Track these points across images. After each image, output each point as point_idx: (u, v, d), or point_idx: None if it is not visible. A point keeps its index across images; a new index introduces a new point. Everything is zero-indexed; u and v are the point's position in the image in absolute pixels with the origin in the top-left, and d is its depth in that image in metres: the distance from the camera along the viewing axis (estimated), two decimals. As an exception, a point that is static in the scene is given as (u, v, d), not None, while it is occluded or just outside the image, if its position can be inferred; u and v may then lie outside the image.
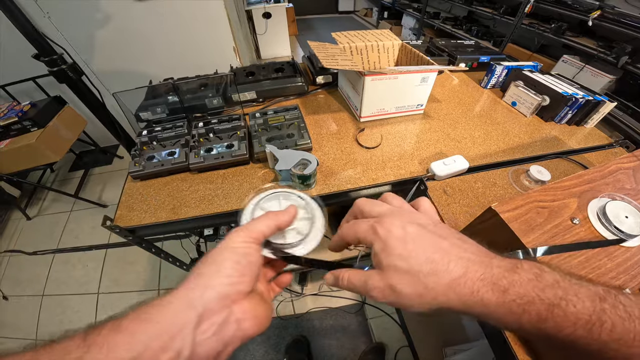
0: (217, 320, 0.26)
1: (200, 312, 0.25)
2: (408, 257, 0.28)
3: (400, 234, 0.29)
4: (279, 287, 0.39)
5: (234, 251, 0.29)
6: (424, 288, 0.27)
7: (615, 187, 0.64)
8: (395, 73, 0.90)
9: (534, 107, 1.05)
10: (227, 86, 1.09)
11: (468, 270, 0.26)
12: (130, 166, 0.83)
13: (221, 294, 0.27)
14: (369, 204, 0.35)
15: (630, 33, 2.00)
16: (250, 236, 0.31)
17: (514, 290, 0.25)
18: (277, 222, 0.34)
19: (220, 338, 0.26)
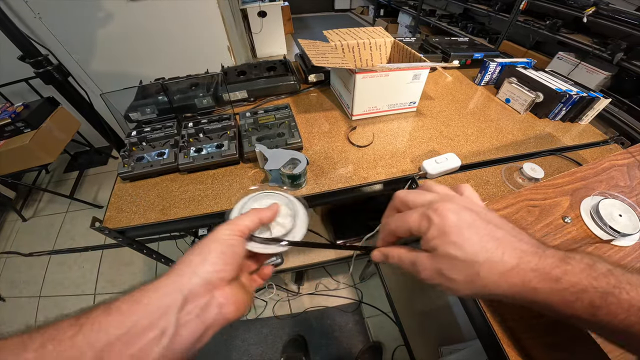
0: (200, 304, 0.28)
1: (186, 295, 0.27)
2: (463, 245, 0.29)
3: (455, 220, 0.30)
4: (261, 279, 0.41)
5: (220, 242, 0.32)
6: (476, 276, 0.28)
7: (609, 184, 0.63)
8: (386, 70, 0.89)
9: (528, 104, 1.05)
10: (218, 85, 1.08)
11: (521, 260, 0.27)
12: (119, 167, 0.82)
13: (205, 280, 0.29)
14: (412, 194, 0.36)
15: (625, 29, 2.00)
16: (236, 229, 0.34)
17: (567, 279, 0.26)
18: (260, 217, 0.37)
19: (203, 320, 0.28)
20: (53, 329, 0.24)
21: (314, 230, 1.45)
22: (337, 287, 1.77)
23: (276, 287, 1.73)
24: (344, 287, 1.77)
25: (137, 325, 0.25)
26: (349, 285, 1.78)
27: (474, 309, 0.59)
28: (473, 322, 0.61)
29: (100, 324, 0.24)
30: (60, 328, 0.24)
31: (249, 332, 1.61)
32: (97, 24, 1.90)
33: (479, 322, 0.58)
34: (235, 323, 1.61)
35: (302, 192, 0.78)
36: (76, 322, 0.24)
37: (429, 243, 0.31)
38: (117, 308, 0.26)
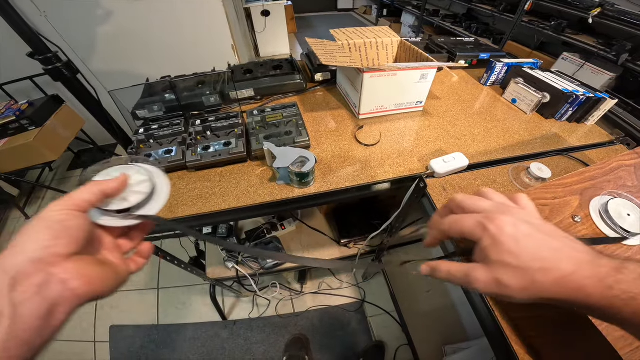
0: (34, 282, 0.26)
1: (13, 275, 0.26)
2: (519, 255, 0.30)
3: (512, 232, 0.31)
4: (142, 258, 0.39)
5: (46, 219, 0.30)
6: (531, 282, 0.29)
7: (617, 184, 0.63)
8: (394, 70, 0.90)
9: (534, 105, 1.04)
10: (225, 84, 1.08)
11: (579, 269, 0.28)
12: (127, 164, 0.82)
13: (33, 258, 0.27)
14: (470, 199, 0.37)
15: (631, 30, 1.99)
16: (66, 203, 0.31)
17: (619, 287, 0.27)
18: (102, 188, 0.34)
19: (44, 297, 0.26)
20: None
21: (318, 229, 1.45)
22: (340, 286, 1.77)
23: (279, 286, 1.73)
24: (347, 286, 1.77)
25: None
26: (352, 285, 1.78)
27: (482, 308, 0.59)
28: (481, 320, 0.61)
29: None
30: None
31: (251, 330, 1.61)
32: (103, 23, 1.90)
33: (486, 321, 0.59)
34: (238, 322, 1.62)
35: (310, 191, 0.78)
36: None
37: (483, 252, 0.32)
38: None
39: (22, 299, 0.25)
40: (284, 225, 1.45)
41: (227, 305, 1.73)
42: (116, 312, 1.73)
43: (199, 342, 1.59)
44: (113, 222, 0.35)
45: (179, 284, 1.83)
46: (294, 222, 1.48)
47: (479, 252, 0.33)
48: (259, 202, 0.76)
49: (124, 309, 1.75)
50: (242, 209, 0.76)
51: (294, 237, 1.45)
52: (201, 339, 1.60)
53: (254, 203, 0.76)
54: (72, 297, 0.28)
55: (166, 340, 1.61)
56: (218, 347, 1.57)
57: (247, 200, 0.76)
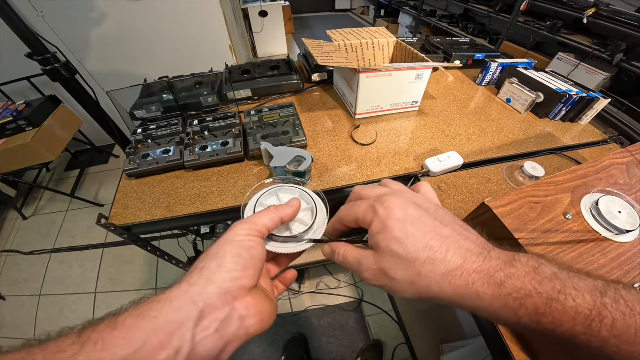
0: (219, 317, 0.25)
1: (202, 308, 0.24)
2: (405, 242, 0.27)
3: (400, 215, 0.28)
4: (283, 285, 0.38)
5: (237, 245, 0.28)
6: (418, 275, 0.26)
7: (609, 182, 0.64)
8: (389, 70, 0.90)
9: (529, 104, 1.06)
10: (223, 84, 1.09)
11: (465, 261, 0.25)
12: (125, 164, 0.82)
13: (223, 289, 0.25)
14: (367, 189, 0.35)
15: (625, 31, 2.01)
16: (253, 229, 0.30)
17: (511, 283, 0.24)
18: (281, 215, 0.33)
19: (222, 335, 0.24)
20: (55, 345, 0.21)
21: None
22: (338, 285, 1.78)
23: (277, 285, 1.73)
24: (345, 286, 1.78)
25: (146, 344, 0.22)
26: (350, 284, 1.79)
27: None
28: (476, 319, 0.62)
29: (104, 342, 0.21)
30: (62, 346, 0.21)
31: (250, 330, 1.61)
32: (100, 23, 1.90)
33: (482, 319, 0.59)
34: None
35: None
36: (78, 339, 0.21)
37: (373, 238, 0.29)
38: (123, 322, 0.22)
39: (203, 337, 0.24)
40: (281, 224, 1.45)
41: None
42: (114, 313, 1.73)
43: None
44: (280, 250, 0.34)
45: (177, 284, 1.83)
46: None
47: (370, 237, 0.30)
48: (257, 201, 0.77)
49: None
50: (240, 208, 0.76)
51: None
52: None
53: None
54: (245, 336, 0.26)
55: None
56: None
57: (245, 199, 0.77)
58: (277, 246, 0.34)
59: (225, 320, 0.25)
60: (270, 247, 0.33)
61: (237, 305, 0.26)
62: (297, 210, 0.35)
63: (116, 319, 0.23)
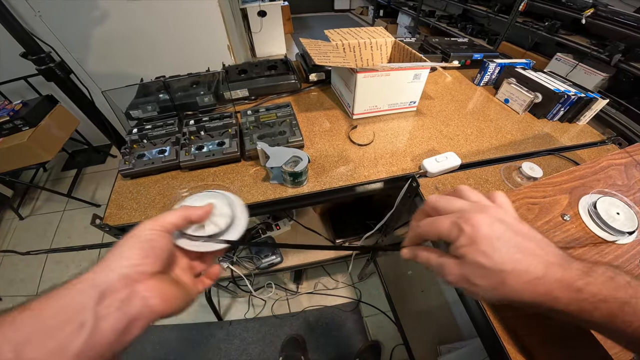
0: (119, 297, 0.28)
1: (102, 290, 0.27)
2: (492, 255, 0.30)
3: (486, 232, 0.31)
4: (209, 280, 0.42)
5: (137, 238, 0.32)
6: (501, 283, 0.29)
7: (607, 183, 0.64)
8: (387, 70, 0.90)
9: (527, 104, 1.05)
10: (219, 84, 1.08)
11: (548, 272, 0.29)
12: (120, 164, 0.82)
13: (121, 274, 0.29)
14: (443, 200, 0.36)
15: (624, 31, 2.00)
16: (156, 224, 0.34)
17: (588, 290, 0.27)
18: (188, 214, 0.37)
19: (124, 312, 0.28)
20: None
21: (312, 229, 1.45)
22: (336, 286, 1.77)
23: (275, 286, 1.73)
24: (343, 287, 1.77)
25: (53, 319, 0.25)
26: (348, 285, 1.78)
27: (475, 308, 0.59)
28: (474, 320, 0.62)
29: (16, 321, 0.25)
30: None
31: (247, 331, 1.61)
32: (97, 23, 1.89)
33: (480, 321, 0.59)
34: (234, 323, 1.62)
35: (303, 190, 0.79)
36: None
37: (458, 250, 0.32)
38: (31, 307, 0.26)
39: (105, 313, 0.27)
40: (278, 225, 1.45)
41: (223, 305, 1.72)
42: (111, 313, 1.72)
43: (195, 343, 1.58)
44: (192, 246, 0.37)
45: (174, 284, 1.82)
46: (289, 222, 1.47)
47: (455, 249, 0.33)
48: (252, 201, 0.76)
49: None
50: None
51: (288, 237, 1.45)
52: (197, 340, 1.60)
53: (247, 202, 0.76)
54: (149, 314, 0.30)
55: (161, 341, 1.60)
56: (214, 348, 1.56)
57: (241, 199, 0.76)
58: (187, 243, 0.37)
59: (126, 299, 0.28)
60: (180, 242, 0.37)
61: (139, 288, 0.29)
62: (207, 212, 0.39)
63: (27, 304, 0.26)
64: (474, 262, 0.31)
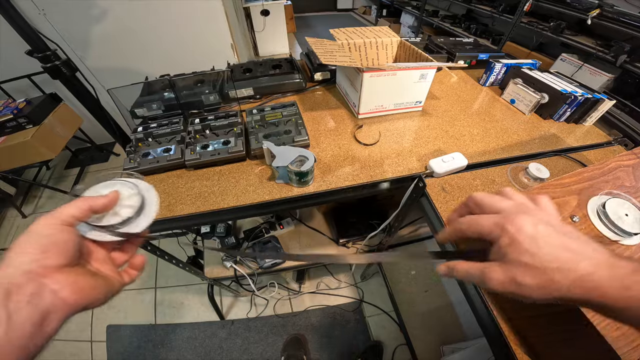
0: (26, 292, 0.28)
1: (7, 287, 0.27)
2: (537, 254, 0.30)
3: (531, 232, 0.31)
4: (134, 270, 0.42)
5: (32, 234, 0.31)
6: (549, 281, 0.30)
7: (615, 184, 0.63)
8: (393, 70, 0.90)
9: (533, 105, 1.05)
10: (224, 82, 1.08)
11: (597, 270, 0.29)
12: (125, 163, 0.82)
13: (23, 270, 0.29)
14: (489, 198, 0.37)
15: (629, 32, 2.00)
16: (53, 217, 0.33)
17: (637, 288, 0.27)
18: (90, 204, 0.36)
19: (36, 306, 0.28)
20: None
21: (316, 229, 1.45)
22: (339, 286, 1.78)
23: (277, 285, 1.73)
24: (345, 286, 1.77)
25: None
26: (350, 284, 1.78)
27: (481, 308, 0.59)
28: (480, 320, 0.61)
29: None
30: None
31: (249, 330, 1.61)
32: (102, 21, 1.89)
33: (485, 321, 0.59)
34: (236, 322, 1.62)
35: (309, 190, 0.78)
36: None
37: (501, 250, 0.32)
38: None
39: (16, 308, 0.27)
40: (282, 224, 1.45)
41: (225, 304, 1.72)
42: (113, 312, 1.73)
43: (197, 342, 1.59)
44: (100, 237, 0.37)
45: (176, 283, 1.83)
46: (293, 222, 1.47)
47: (496, 250, 0.33)
48: (258, 201, 0.76)
49: (120, 308, 1.75)
50: (241, 207, 0.76)
51: (292, 236, 1.45)
52: (199, 339, 1.60)
53: (252, 202, 0.76)
54: (63, 306, 0.30)
55: (163, 340, 1.60)
56: (216, 347, 1.56)
57: (246, 199, 0.76)
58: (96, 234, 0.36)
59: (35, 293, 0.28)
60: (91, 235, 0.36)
61: (46, 281, 0.29)
62: (112, 200, 0.38)
63: None
64: (518, 261, 0.31)
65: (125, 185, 0.41)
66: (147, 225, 0.40)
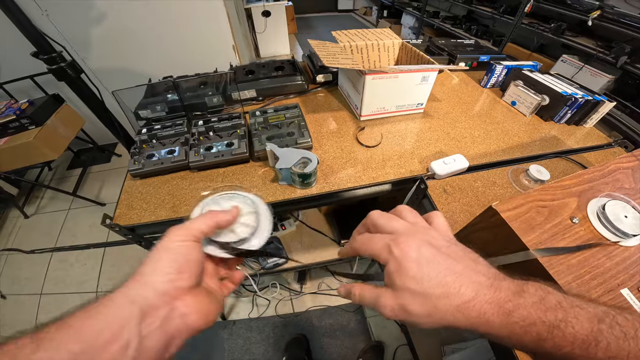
0: (160, 315, 0.27)
1: (143, 307, 0.27)
2: (421, 280, 0.29)
3: (415, 256, 0.30)
4: (233, 284, 0.41)
5: (171, 250, 0.31)
6: (434, 308, 0.28)
7: (615, 186, 0.64)
8: (395, 72, 0.90)
9: (534, 107, 1.05)
10: (227, 84, 1.09)
11: (478, 293, 0.27)
12: (130, 164, 0.83)
13: (159, 290, 0.28)
14: (383, 218, 0.36)
15: (630, 33, 2.00)
16: (188, 234, 0.32)
17: (518, 313, 0.26)
18: (217, 220, 0.35)
19: (165, 331, 0.27)
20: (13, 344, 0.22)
21: (318, 230, 1.46)
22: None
23: (279, 286, 1.73)
24: (347, 287, 1.77)
25: (98, 338, 0.24)
26: (352, 285, 1.78)
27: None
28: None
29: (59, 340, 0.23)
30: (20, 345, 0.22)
31: (251, 331, 1.61)
32: (104, 22, 1.90)
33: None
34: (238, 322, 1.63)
35: (312, 191, 0.79)
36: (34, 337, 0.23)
37: (390, 276, 0.31)
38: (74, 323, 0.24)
39: (148, 332, 0.26)
40: (284, 225, 1.45)
41: (227, 305, 1.73)
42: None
43: (198, 342, 1.59)
44: (217, 253, 0.36)
45: (178, 283, 1.83)
46: (294, 223, 1.48)
47: (387, 276, 0.31)
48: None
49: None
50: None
51: (294, 237, 1.46)
52: (200, 339, 1.60)
53: (256, 203, 0.76)
54: (187, 331, 0.29)
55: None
56: (217, 347, 1.57)
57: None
58: (215, 250, 0.36)
59: (166, 317, 0.28)
60: (208, 250, 0.36)
61: (178, 304, 0.29)
62: (234, 216, 0.38)
63: (65, 321, 0.25)
64: (405, 288, 0.29)
65: (245, 201, 0.41)
66: (260, 245, 0.39)
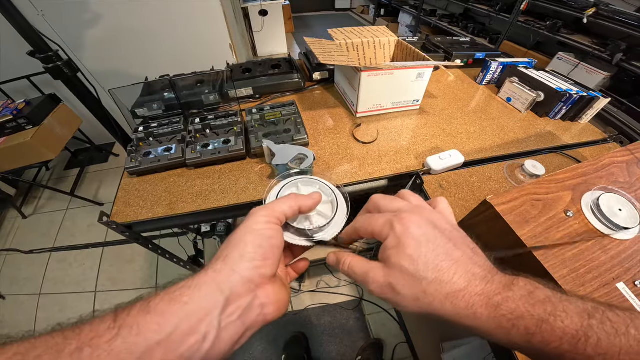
0: (242, 304, 0.26)
1: (227, 295, 0.26)
2: (417, 260, 0.28)
3: (417, 233, 0.29)
4: (296, 273, 0.39)
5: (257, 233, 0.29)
6: (423, 293, 0.27)
7: (609, 180, 0.64)
8: (391, 69, 0.91)
9: (529, 103, 1.06)
10: (224, 82, 1.09)
11: (470, 284, 0.27)
12: (127, 162, 0.83)
13: (246, 278, 0.27)
14: (385, 200, 0.35)
15: (625, 30, 2.02)
16: (272, 216, 0.31)
17: (506, 306, 0.25)
18: (300, 204, 0.34)
19: (244, 322, 0.26)
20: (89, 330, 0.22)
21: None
22: (338, 284, 1.78)
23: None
24: (345, 285, 1.78)
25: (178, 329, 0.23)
26: (350, 283, 1.79)
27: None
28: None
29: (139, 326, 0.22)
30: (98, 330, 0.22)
31: (250, 328, 1.62)
32: (100, 22, 1.90)
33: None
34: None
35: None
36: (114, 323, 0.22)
37: (386, 252, 0.30)
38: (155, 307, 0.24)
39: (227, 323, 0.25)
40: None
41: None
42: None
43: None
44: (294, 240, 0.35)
45: (177, 282, 1.83)
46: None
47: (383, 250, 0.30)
48: (258, 198, 0.77)
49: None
50: (242, 205, 0.77)
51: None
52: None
53: (253, 200, 0.77)
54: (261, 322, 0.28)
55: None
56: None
57: (246, 197, 0.77)
58: (292, 237, 0.35)
59: (247, 307, 0.27)
60: (286, 237, 0.34)
61: (259, 293, 0.28)
62: (316, 203, 0.36)
63: (148, 304, 0.24)
64: (398, 266, 0.28)
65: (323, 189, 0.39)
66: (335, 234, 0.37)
